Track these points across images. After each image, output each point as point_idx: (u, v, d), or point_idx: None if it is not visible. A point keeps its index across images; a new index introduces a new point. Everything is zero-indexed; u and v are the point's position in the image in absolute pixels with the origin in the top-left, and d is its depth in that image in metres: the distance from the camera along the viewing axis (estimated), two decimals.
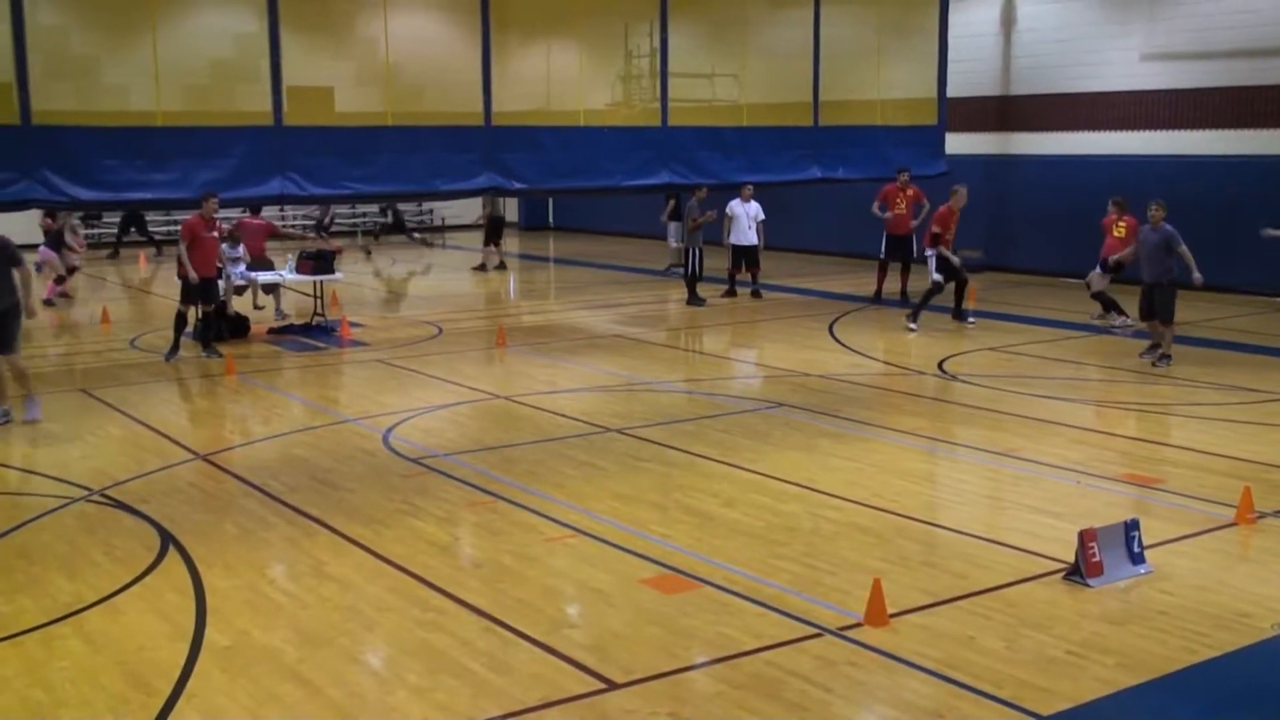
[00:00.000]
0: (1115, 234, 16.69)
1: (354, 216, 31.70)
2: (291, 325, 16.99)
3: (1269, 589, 7.30)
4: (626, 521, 8.59)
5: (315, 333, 16.66)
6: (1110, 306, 16.83)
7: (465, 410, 12.32)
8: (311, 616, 6.96)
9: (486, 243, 24.85)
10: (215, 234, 14.92)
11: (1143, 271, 14.25)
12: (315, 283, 17.17)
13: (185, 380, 13.91)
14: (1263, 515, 8.60)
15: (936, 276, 16.87)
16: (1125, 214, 16.66)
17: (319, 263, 17.03)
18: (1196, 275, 13.81)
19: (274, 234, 18.41)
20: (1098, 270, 16.83)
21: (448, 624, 6.82)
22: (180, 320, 14.94)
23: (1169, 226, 13.98)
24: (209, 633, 6.72)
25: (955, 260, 16.87)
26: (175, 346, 14.75)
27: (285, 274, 17.36)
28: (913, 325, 16.68)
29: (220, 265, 15.57)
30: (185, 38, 14.73)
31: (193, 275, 14.52)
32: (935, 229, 16.95)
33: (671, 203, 23.35)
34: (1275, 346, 15.14)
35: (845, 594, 7.19)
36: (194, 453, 10.56)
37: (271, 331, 16.64)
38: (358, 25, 16.26)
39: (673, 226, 23.66)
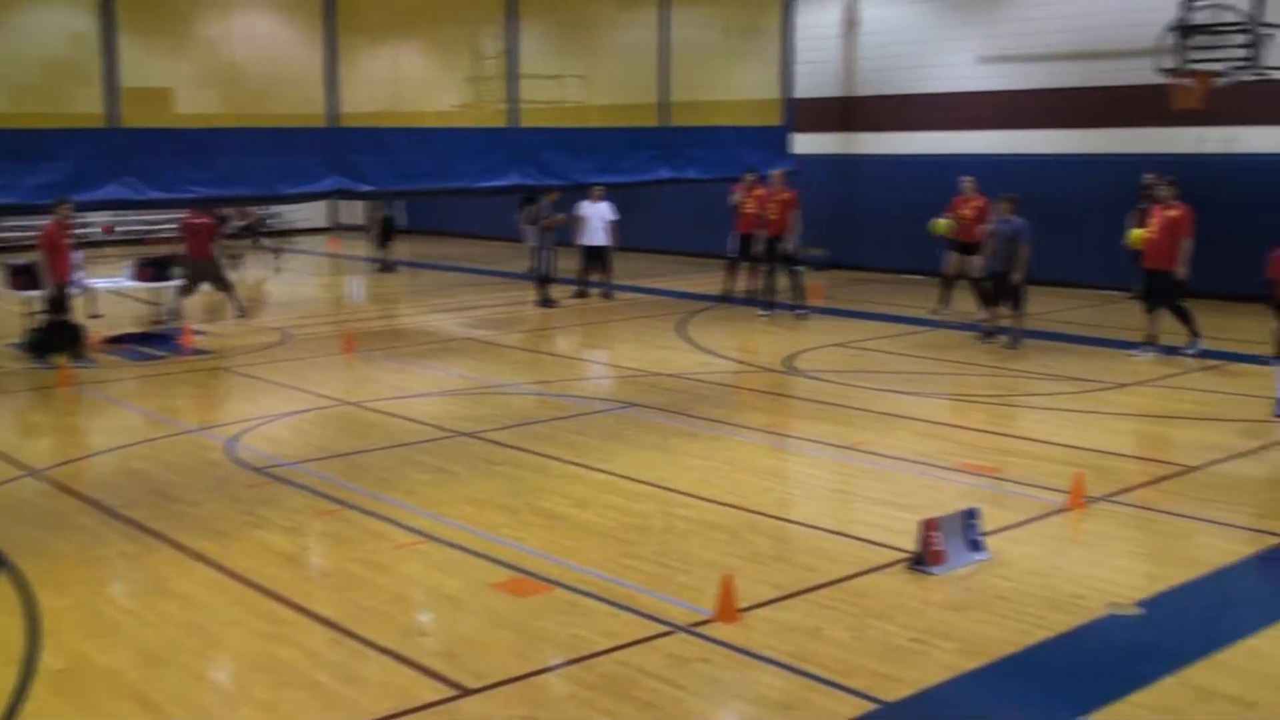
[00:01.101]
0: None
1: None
2: (130, 334, 16.45)
3: (1100, 570, 7.59)
4: (478, 526, 8.53)
5: (155, 341, 16.15)
6: (945, 292, 17.59)
7: (312, 417, 12.09)
8: (153, 634, 6.75)
9: (381, 245, 25.36)
10: (70, 240, 14.46)
11: (994, 261, 14.82)
12: (155, 289, 16.70)
13: (16, 393, 13.36)
14: (1093, 500, 8.94)
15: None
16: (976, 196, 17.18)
17: (158, 269, 16.56)
18: (1015, 275, 14.53)
19: (218, 234, 17.88)
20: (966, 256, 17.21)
21: (295, 636, 6.69)
22: (63, 328, 14.55)
23: (1020, 220, 14.56)
24: (43, 655, 6.47)
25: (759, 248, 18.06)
26: (76, 355, 14.39)
27: (123, 281, 16.81)
28: (763, 313, 17.52)
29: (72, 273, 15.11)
30: (13, 36, 14.19)
31: (48, 285, 14.19)
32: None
33: (530, 206, 23.25)
34: (1108, 338, 15.73)
35: (697, 591, 7.25)
36: (26, 468, 10.15)
37: (108, 340, 16.06)
38: (197, 25, 15.80)
39: (531, 230, 23.57)
